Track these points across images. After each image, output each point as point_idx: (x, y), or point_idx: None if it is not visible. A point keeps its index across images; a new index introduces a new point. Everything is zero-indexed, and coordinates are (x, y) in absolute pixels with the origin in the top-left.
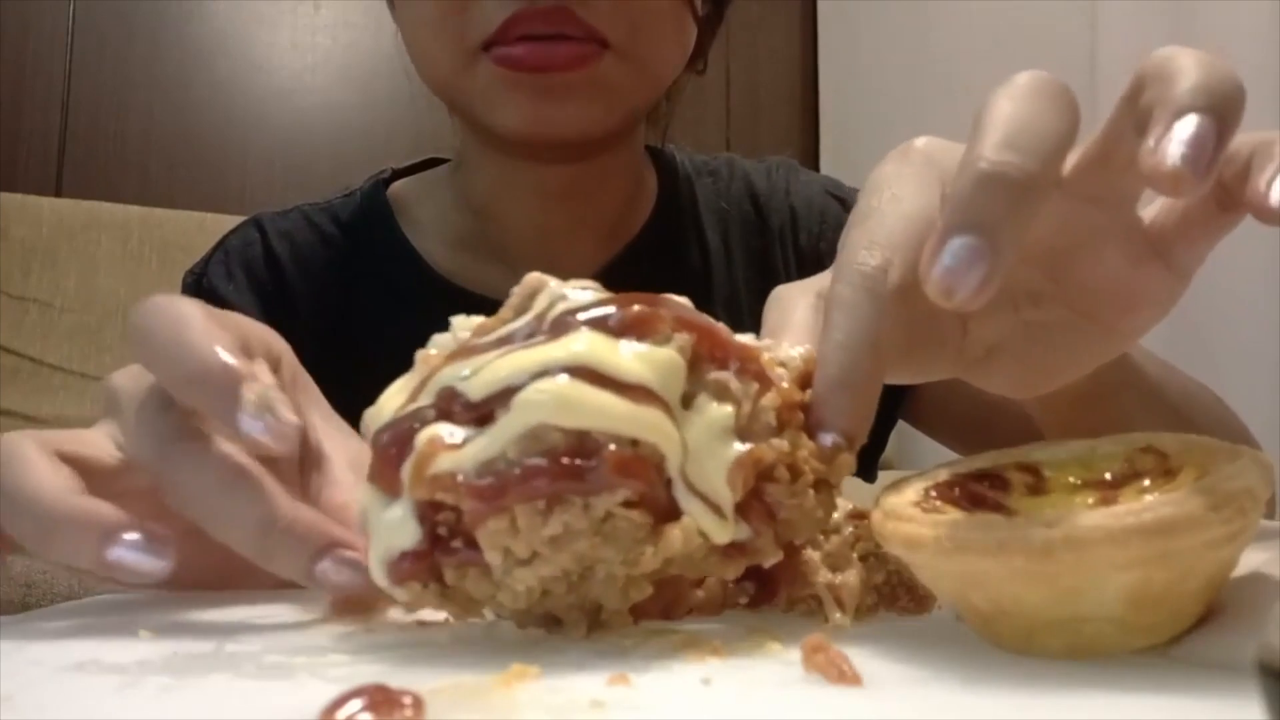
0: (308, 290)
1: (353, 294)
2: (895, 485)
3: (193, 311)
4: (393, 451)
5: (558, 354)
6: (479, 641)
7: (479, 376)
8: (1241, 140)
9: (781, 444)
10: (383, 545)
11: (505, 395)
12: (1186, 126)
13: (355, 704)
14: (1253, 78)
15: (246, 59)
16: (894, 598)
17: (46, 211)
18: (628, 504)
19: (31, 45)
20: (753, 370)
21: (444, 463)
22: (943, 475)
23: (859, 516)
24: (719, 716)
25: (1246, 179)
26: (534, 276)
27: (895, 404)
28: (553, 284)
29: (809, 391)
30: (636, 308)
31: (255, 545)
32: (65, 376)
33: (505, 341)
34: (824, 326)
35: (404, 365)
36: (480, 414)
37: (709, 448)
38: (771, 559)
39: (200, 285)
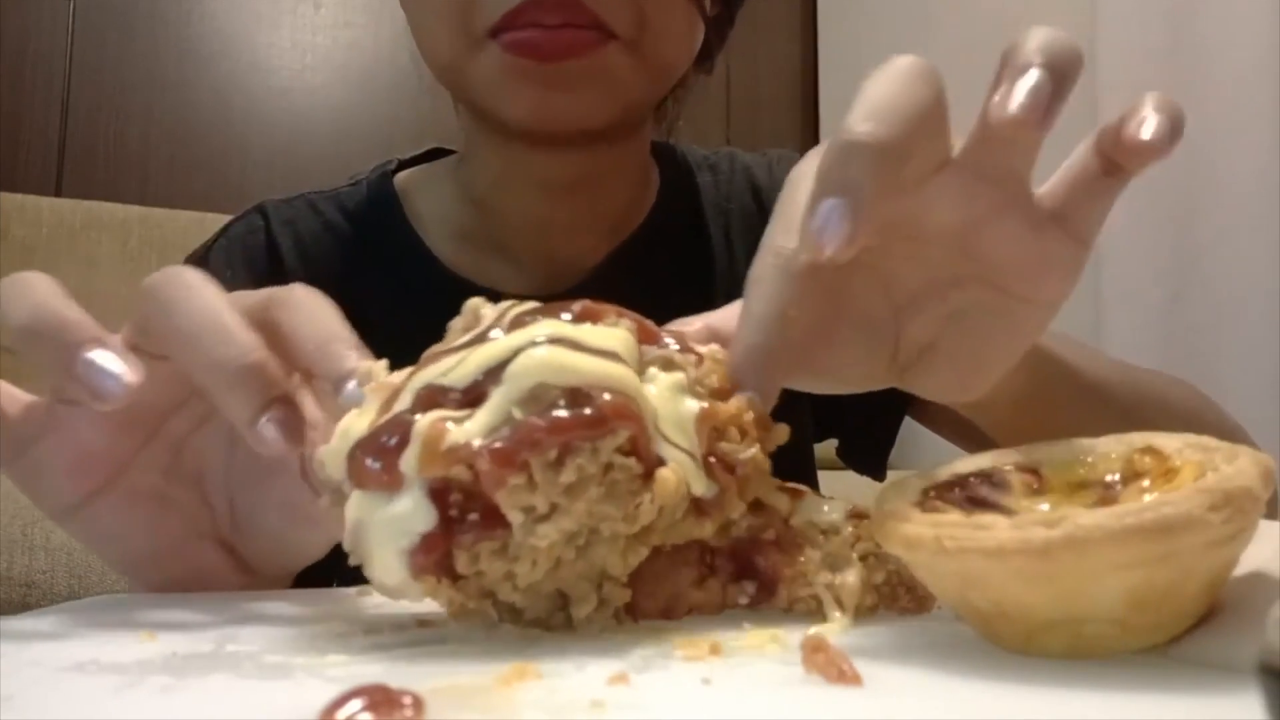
0: (309, 280)
1: (357, 284)
2: (895, 485)
3: (214, 298)
4: (392, 442)
5: (533, 332)
6: (479, 641)
7: (460, 368)
8: (1118, 113)
9: (730, 406)
10: (395, 537)
11: (493, 374)
12: (1025, 80)
13: (355, 704)
14: (1253, 78)
15: (246, 59)
16: (894, 598)
17: (46, 211)
18: (623, 451)
19: (31, 45)
20: (687, 347)
21: (456, 436)
22: (943, 475)
23: (859, 516)
24: (719, 716)
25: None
26: (475, 301)
27: (902, 402)
28: (489, 307)
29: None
30: (585, 302)
31: (218, 377)
32: None
33: (466, 346)
34: (743, 304)
35: (406, 355)
36: (471, 397)
37: (672, 405)
38: (736, 511)
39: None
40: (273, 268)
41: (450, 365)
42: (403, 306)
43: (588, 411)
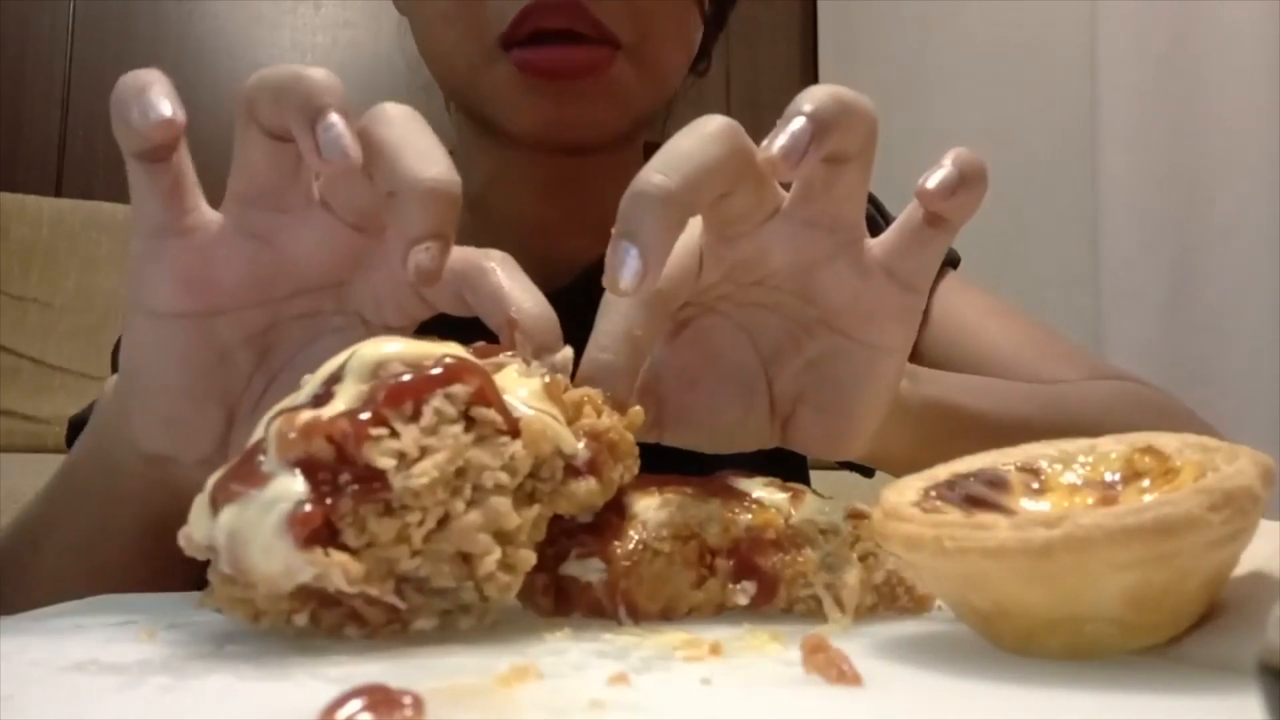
0: None
1: None
2: (895, 485)
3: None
4: (250, 449)
5: (359, 343)
6: (479, 641)
7: (302, 391)
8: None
9: (576, 392)
10: (270, 517)
11: (333, 379)
12: (789, 126)
13: (355, 704)
14: (1252, 78)
15: (246, 59)
16: (894, 598)
17: (46, 211)
18: (478, 403)
19: (31, 45)
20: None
21: (306, 416)
22: (943, 475)
23: (859, 516)
24: (719, 716)
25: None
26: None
27: None
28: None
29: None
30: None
31: (413, 186)
32: (65, 376)
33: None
34: (595, 325)
35: None
36: (319, 404)
37: (518, 383)
38: (617, 473)
39: None
40: None
41: (292, 397)
42: None
43: (435, 371)
